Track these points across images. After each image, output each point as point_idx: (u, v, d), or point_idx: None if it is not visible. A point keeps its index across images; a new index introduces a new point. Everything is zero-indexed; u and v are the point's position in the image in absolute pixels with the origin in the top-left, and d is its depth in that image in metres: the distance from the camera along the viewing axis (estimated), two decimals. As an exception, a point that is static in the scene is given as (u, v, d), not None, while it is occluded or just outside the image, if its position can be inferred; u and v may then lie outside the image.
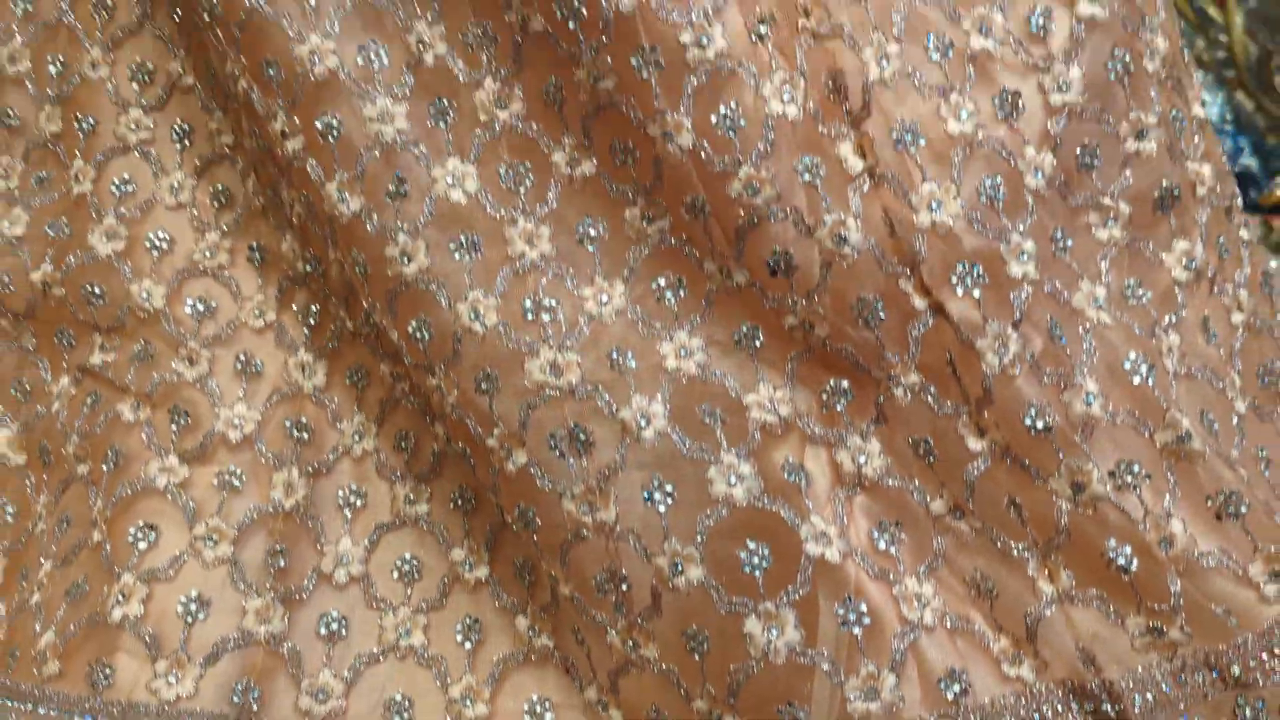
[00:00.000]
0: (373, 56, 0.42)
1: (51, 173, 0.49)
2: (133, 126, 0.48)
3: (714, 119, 0.38)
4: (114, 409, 0.46)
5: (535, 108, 0.41)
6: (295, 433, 0.46)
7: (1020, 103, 0.39)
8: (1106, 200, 0.40)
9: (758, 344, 0.40)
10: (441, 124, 0.42)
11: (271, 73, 0.42)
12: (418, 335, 0.41)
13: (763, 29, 0.38)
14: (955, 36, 0.39)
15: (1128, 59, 0.40)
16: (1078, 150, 0.40)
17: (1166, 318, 0.41)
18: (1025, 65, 0.39)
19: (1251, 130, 1.17)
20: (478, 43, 0.41)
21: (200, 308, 0.47)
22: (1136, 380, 0.38)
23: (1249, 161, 1.15)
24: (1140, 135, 0.40)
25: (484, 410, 0.40)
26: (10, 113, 0.50)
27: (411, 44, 0.42)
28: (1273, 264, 0.67)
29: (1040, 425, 0.37)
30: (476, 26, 0.41)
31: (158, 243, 0.48)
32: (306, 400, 0.46)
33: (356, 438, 0.46)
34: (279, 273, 0.47)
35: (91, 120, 0.49)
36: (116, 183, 0.48)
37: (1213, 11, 1.18)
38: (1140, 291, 0.41)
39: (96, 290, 0.47)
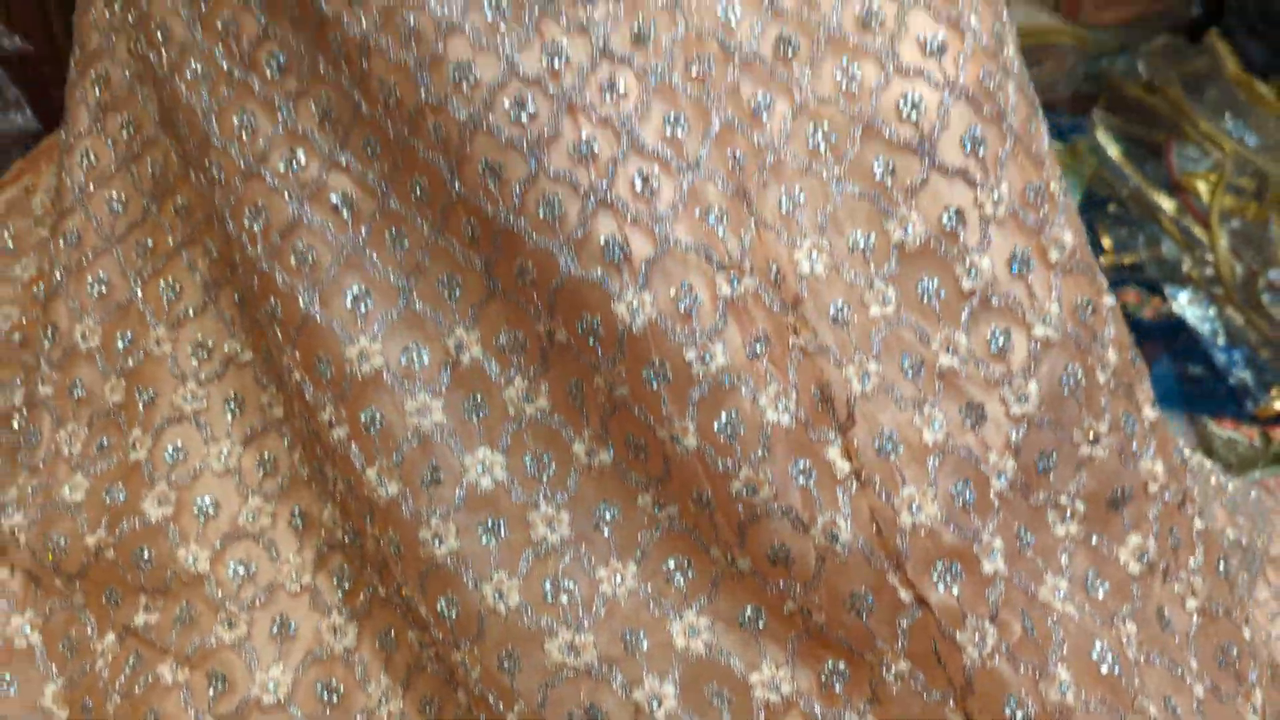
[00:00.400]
0: (414, 357, 0.49)
1: (112, 440, 0.56)
2: (189, 398, 0.56)
3: (716, 426, 0.44)
4: (155, 671, 0.51)
5: (559, 404, 0.48)
6: (325, 695, 0.51)
7: (984, 413, 0.46)
8: (1063, 500, 0.47)
9: (761, 625, 0.46)
10: (474, 417, 0.49)
11: (322, 368, 0.49)
12: (445, 613, 0.47)
13: (759, 347, 0.45)
14: (925, 355, 0.46)
15: (1080, 374, 0.47)
16: (1036, 456, 0.46)
17: (1124, 608, 0.46)
18: (987, 380, 0.46)
19: (1243, 344, 1.25)
20: (509, 347, 0.49)
21: (241, 571, 0.53)
22: (1104, 669, 0.44)
23: (1243, 375, 1.23)
24: (1093, 441, 0.47)
25: (506, 687, 0.45)
26: (79, 383, 0.57)
27: (450, 347, 0.49)
28: (1237, 482, 0.73)
29: (1020, 716, 0.42)
30: (508, 334, 0.49)
31: (205, 508, 0.54)
32: (337, 662, 0.51)
33: (383, 700, 0.51)
34: (318, 538, 0.53)
35: (152, 392, 0.56)
36: (170, 450, 0.55)
37: (1198, 232, 1.28)
38: (1098, 583, 0.46)
39: (145, 554, 0.53)
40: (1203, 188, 1.27)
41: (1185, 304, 1.25)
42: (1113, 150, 1.29)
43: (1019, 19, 1.28)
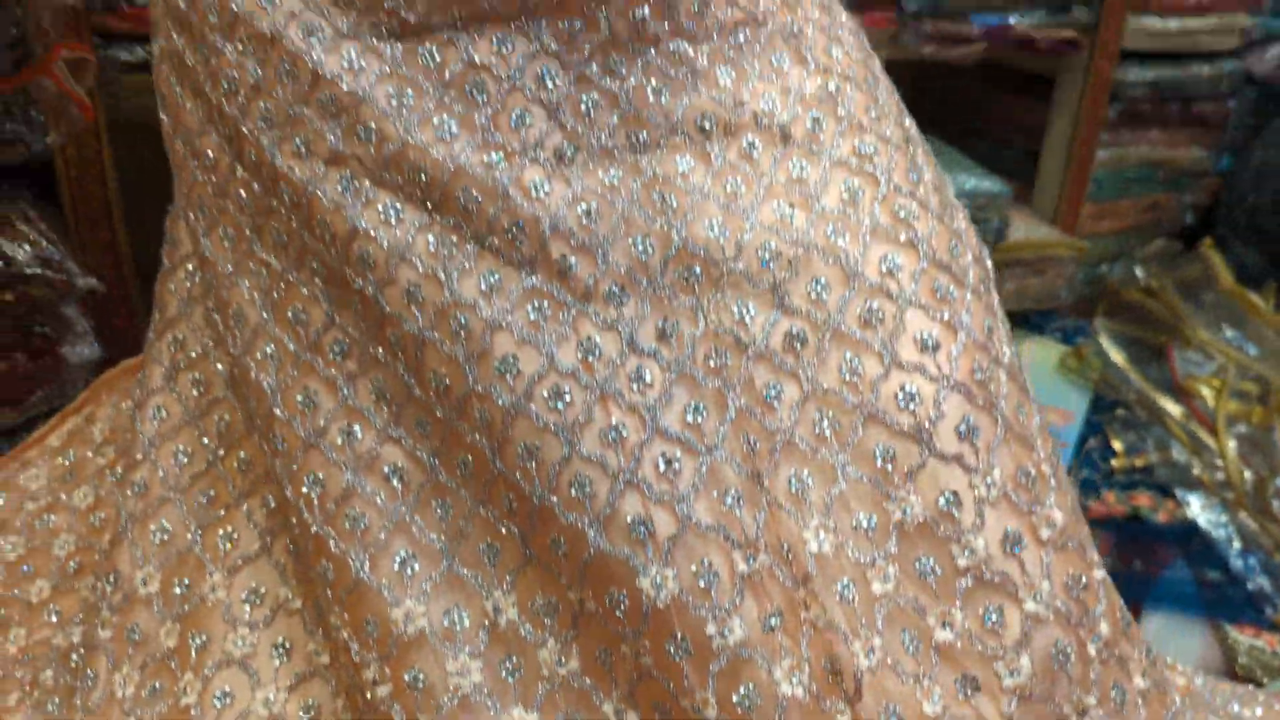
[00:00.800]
0: (456, 619, 0.54)
1: (164, 684, 0.61)
2: (239, 643, 0.60)
3: (735, 698, 0.49)
4: None
5: (589, 667, 0.53)
6: None
7: (979, 685, 0.50)
8: None
9: None
10: (511, 677, 0.53)
11: (369, 629, 0.54)
12: None
13: (773, 621, 0.50)
14: (924, 629, 0.51)
15: (1070, 649, 0.51)
16: None
17: None
18: (982, 655, 0.51)
19: (1259, 549, 1.28)
20: (544, 611, 0.54)
21: None
22: None
23: (1261, 581, 1.26)
24: (1082, 713, 0.51)
25: None
26: (136, 628, 0.62)
27: (489, 609, 0.54)
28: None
29: None
30: (543, 599, 0.54)
31: None
32: None
33: None
34: None
35: (204, 637, 0.61)
36: (218, 695, 0.59)
37: (1205, 436, 1.33)
38: None
39: None
40: (1206, 392, 1.33)
41: (1198, 509, 1.28)
42: (1116, 356, 1.36)
43: (1021, 233, 1.38)
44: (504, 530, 0.55)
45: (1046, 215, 1.45)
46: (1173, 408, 1.33)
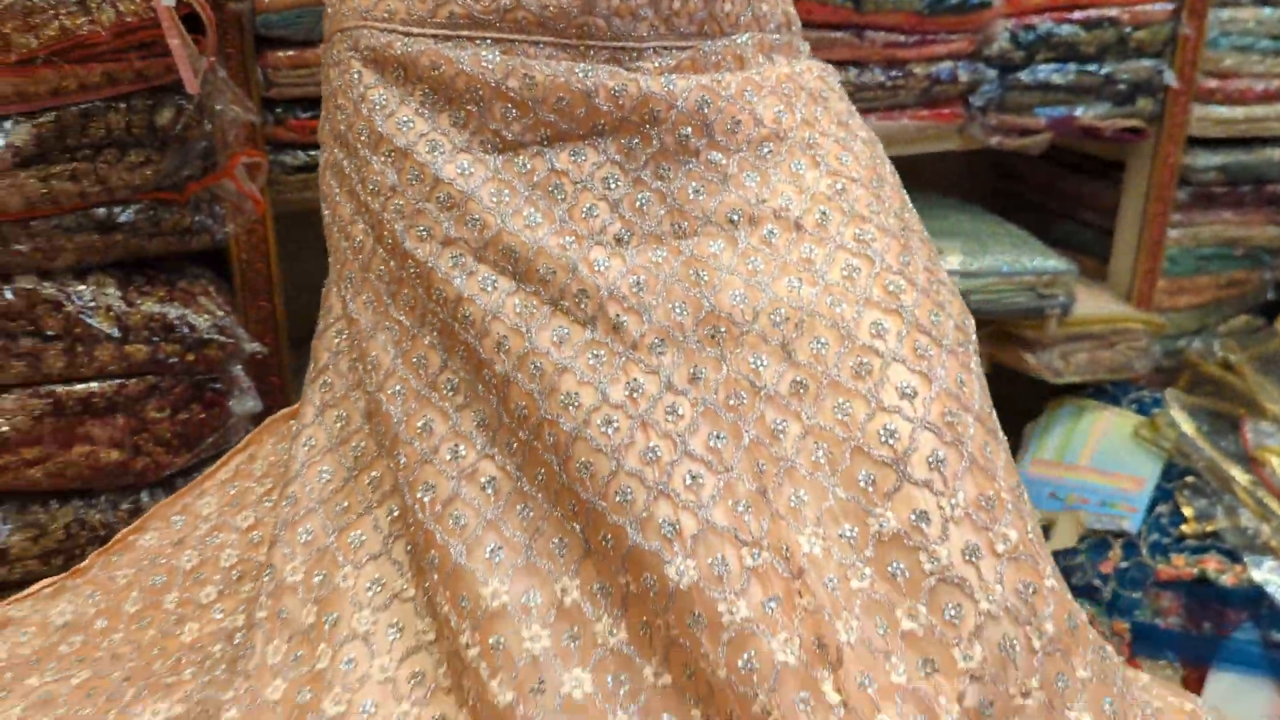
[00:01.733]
0: (531, 597, 0.71)
1: (303, 653, 0.79)
2: (362, 622, 0.78)
3: (739, 662, 0.64)
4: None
5: (634, 637, 0.69)
6: None
7: (937, 666, 0.64)
8: None
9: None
10: (572, 645, 0.70)
11: (464, 603, 0.72)
12: None
13: (773, 604, 0.65)
14: (892, 619, 0.65)
15: (1016, 642, 0.65)
16: (978, 703, 0.63)
17: None
18: (940, 641, 0.64)
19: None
20: (600, 593, 0.70)
21: None
22: None
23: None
24: (1025, 695, 0.64)
25: None
26: (285, 609, 0.81)
27: (557, 591, 0.71)
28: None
29: None
30: (599, 583, 0.70)
31: (368, 709, 0.75)
32: None
33: None
34: None
35: (335, 616, 0.79)
36: (345, 662, 0.77)
37: (1273, 504, 1.41)
38: None
39: None
40: (1276, 461, 1.41)
41: (1266, 573, 1.35)
42: (1186, 426, 1.45)
43: (1091, 309, 1.49)
44: (570, 528, 0.72)
45: (1122, 291, 1.56)
46: (1241, 476, 1.41)
